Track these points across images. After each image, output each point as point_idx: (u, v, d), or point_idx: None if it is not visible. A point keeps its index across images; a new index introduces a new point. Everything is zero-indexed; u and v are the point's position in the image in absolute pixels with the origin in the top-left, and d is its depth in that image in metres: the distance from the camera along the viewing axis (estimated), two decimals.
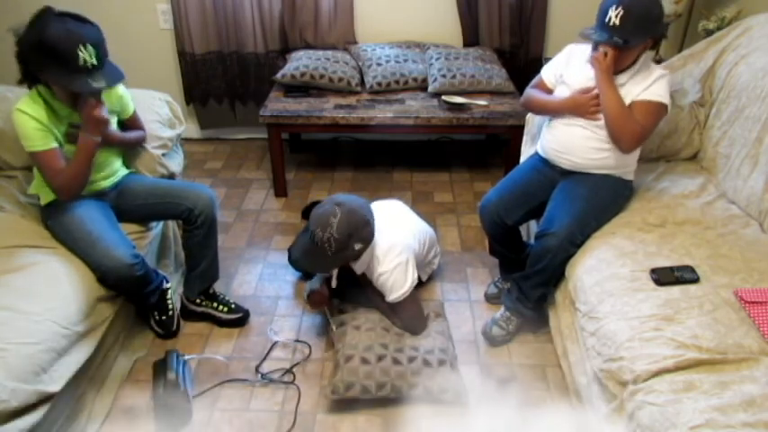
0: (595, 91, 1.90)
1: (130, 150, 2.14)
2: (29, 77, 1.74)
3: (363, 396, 1.81)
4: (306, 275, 2.43)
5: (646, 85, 1.86)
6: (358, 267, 2.00)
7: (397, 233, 2.02)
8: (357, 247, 1.87)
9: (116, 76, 1.75)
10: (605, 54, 1.80)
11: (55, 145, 1.76)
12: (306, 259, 1.93)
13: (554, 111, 2.04)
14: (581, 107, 1.93)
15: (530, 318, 2.07)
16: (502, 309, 2.11)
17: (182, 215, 2.03)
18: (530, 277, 1.96)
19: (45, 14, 1.64)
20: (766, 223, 1.86)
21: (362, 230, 1.86)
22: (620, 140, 1.87)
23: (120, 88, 2.00)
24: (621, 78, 1.88)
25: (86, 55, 1.64)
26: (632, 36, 1.76)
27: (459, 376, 1.89)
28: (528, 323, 2.10)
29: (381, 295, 2.01)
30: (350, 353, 1.89)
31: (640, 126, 1.84)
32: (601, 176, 1.98)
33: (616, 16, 1.75)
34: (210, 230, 2.08)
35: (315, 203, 2.83)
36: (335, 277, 2.05)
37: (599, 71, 1.84)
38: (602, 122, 1.89)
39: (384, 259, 1.94)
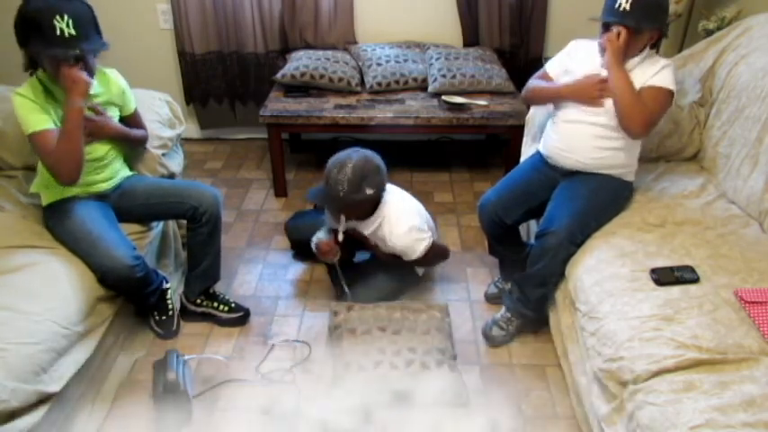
0: (602, 75, 1.89)
1: (131, 148, 2.13)
2: (30, 63, 1.77)
3: (362, 401, 1.80)
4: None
5: (652, 72, 1.86)
6: (366, 226, 2.09)
7: (407, 201, 2.17)
8: (368, 191, 1.97)
9: (97, 46, 1.77)
10: (618, 34, 1.80)
11: (51, 125, 1.75)
12: (320, 199, 2.04)
13: (556, 96, 2.03)
14: (585, 91, 1.92)
15: (530, 318, 2.07)
16: (502, 309, 2.11)
17: (186, 214, 2.03)
18: (530, 277, 1.96)
19: None
20: (766, 223, 1.86)
21: (375, 176, 1.98)
22: (630, 123, 1.84)
23: (122, 83, 2.01)
24: (627, 66, 1.87)
25: (63, 24, 1.66)
26: (643, 21, 1.77)
27: (458, 375, 1.88)
28: (528, 323, 2.10)
29: (391, 255, 2.14)
30: (347, 360, 1.89)
31: (649, 110, 1.83)
32: (602, 177, 1.97)
33: (626, 1, 1.76)
34: (215, 229, 2.08)
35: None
36: (342, 231, 2.09)
37: (610, 51, 1.83)
38: (605, 113, 1.88)
39: (398, 222, 2.05)
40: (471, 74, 2.93)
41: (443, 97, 2.84)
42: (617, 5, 1.79)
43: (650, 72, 1.86)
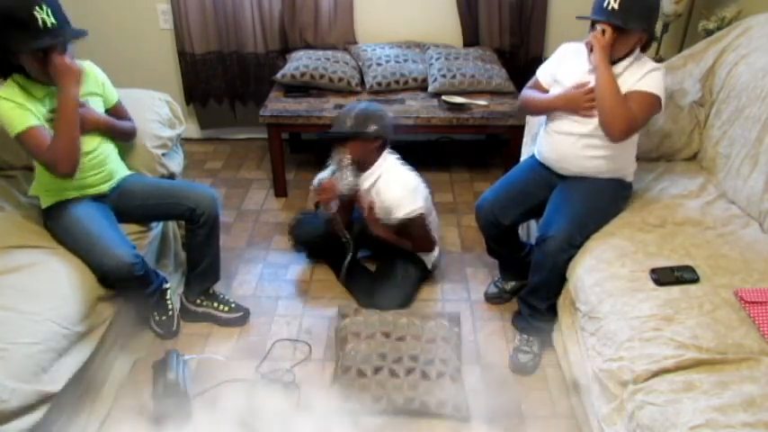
0: (590, 85, 1.89)
1: (121, 141, 2.10)
2: (2, 69, 1.74)
3: (360, 408, 1.80)
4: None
5: (639, 76, 1.84)
6: (365, 179, 2.14)
7: (408, 170, 2.23)
8: (373, 128, 2.07)
9: (78, 32, 1.74)
10: (603, 32, 1.80)
11: (36, 122, 1.72)
12: (329, 133, 2.13)
13: (548, 108, 2.02)
14: (574, 102, 1.91)
15: (547, 330, 2.02)
16: (517, 335, 2.06)
17: (184, 215, 2.03)
18: (535, 290, 1.94)
19: None
20: (766, 223, 1.86)
21: (379, 118, 2.11)
22: (610, 124, 1.81)
23: (101, 75, 1.99)
24: (616, 69, 1.86)
25: (44, 14, 1.64)
26: (630, 21, 1.77)
27: (459, 388, 1.84)
28: (547, 335, 2.04)
29: (389, 228, 2.18)
30: (348, 364, 1.88)
31: (632, 114, 1.81)
32: (599, 179, 1.97)
33: (615, 0, 1.76)
34: (213, 230, 2.08)
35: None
36: (347, 162, 2.12)
37: (597, 48, 1.81)
38: (595, 123, 1.87)
39: (396, 176, 2.15)
40: (471, 74, 2.93)
41: (443, 97, 2.84)
42: (605, 4, 1.78)
43: (637, 75, 1.84)
